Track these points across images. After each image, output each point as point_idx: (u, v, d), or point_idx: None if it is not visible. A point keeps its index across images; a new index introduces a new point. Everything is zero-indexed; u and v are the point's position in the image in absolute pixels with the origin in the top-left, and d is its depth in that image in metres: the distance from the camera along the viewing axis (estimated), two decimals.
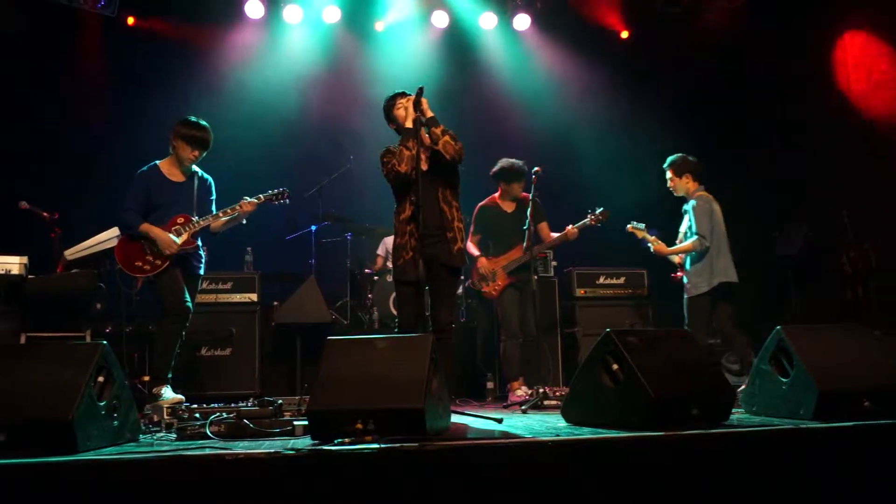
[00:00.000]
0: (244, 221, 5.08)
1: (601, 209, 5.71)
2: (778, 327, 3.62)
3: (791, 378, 3.48)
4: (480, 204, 5.97)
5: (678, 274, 5.71)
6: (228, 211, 4.94)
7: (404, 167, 4.14)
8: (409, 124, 4.21)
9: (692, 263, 5.54)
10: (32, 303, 5.25)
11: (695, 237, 5.47)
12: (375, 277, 6.97)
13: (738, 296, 5.50)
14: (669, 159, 5.74)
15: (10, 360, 3.09)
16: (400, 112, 4.31)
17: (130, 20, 7.64)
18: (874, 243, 6.46)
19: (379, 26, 8.41)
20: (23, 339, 5.11)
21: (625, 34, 8.72)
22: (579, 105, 8.47)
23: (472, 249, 5.87)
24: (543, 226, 5.84)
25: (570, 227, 5.70)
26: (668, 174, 5.73)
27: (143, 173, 4.88)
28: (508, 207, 5.88)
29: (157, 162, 4.95)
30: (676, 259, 5.69)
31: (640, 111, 8.29)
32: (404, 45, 8.45)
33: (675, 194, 5.77)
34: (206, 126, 4.92)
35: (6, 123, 6.88)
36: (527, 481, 2.66)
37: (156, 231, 4.73)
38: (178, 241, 4.74)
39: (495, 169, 5.88)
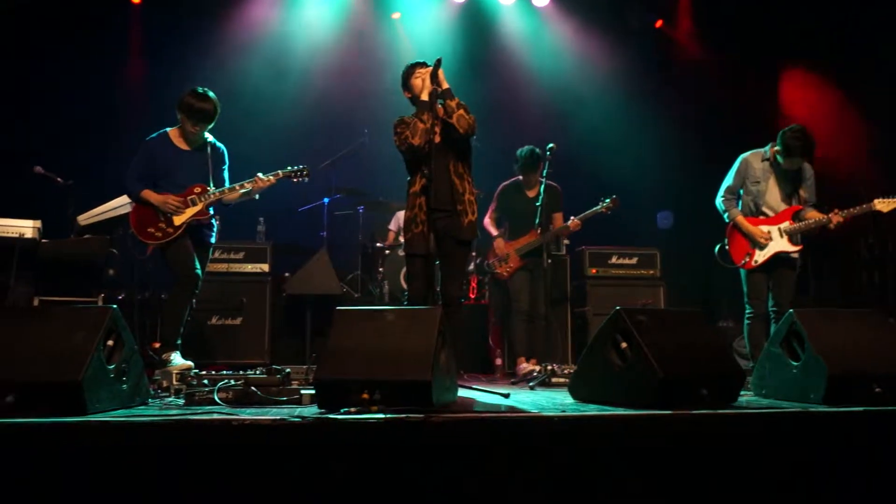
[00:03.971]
0: (257, 197, 5.01)
1: (612, 197, 5.68)
2: (790, 310, 3.59)
3: (802, 362, 3.44)
4: (504, 183, 6.02)
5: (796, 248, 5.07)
6: (246, 185, 4.89)
7: (417, 140, 4.10)
8: (424, 97, 4.17)
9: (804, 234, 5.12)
10: (46, 267, 5.28)
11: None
12: (387, 251, 6.97)
13: None
14: None
15: (20, 323, 3.12)
16: (417, 82, 4.26)
17: None
18: (891, 228, 6.36)
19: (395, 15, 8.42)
20: (36, 303, 5.16)
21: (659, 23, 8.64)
22: (598, 83, 8.37)
23: (491, 228, 5.93)
24: (558, 216, 5.86)
25: (573, 219, 5.73)
26: None
27: (150, 140, 4.83)
28: (530, 191, 5.88)
29: (168, 130, 4.88)
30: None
31: (663, 91, 8.19)
32: (422, 20, 8.38)
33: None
34: (208, 97, 4.75)
35: (22, 88, 6.91)
36: (532, 456, 2.66)
37: (153, 196, 4.68)
38: (188, 210, 4.72)
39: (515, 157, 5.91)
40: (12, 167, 6.16)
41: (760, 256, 5.04)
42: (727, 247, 5.18)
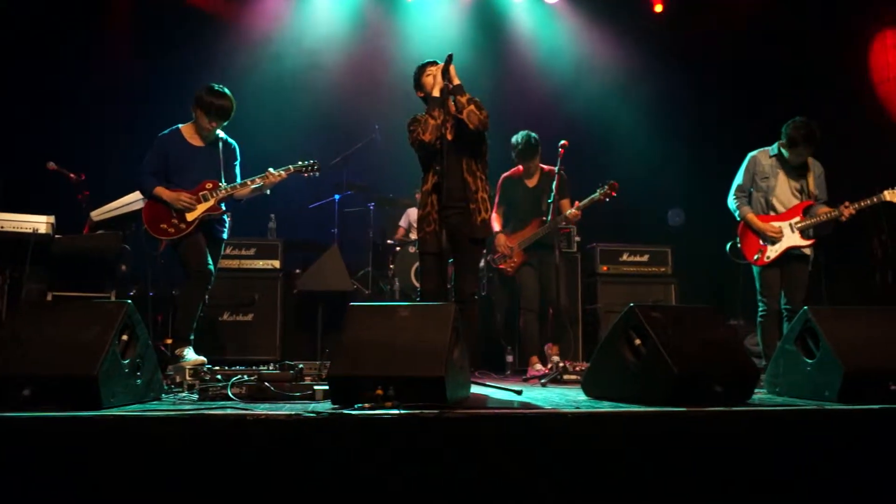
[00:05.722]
0: (268, 192, 5.02)
1: (609, 182, 5.52)
2: (805, 307, 3.57)
3: (816, 359, 3.42)
4: (504, 175, 5.90)
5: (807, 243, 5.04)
6: (257, 180, 4.90)
7: (428, 136, 4.10)
8: (436, 93, 4.17)
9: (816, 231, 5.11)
10: (59, 262, 5.30)
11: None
12: (397, 248, 6.97)
13: None
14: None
15: (37, 317, 3.12)
16: (428, 80, 4.26)
17: None
18: None
19: None
20: (49, 299, 5.18)
21: (658, 7, 8.54)
22: (609, 78, 8.36)
23: (495, 223, 5.83)
24: (565, 203, 5.73)
25: (572, 209, 5.59)
26: None
27: (162, 137, 4.86)
28: (531, 181, 5.82)
29: (180, 126, 4.90)
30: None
31: (673, 86, 8.15)
32: (433, 15, 8.38)
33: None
34: (225, 94, 4.79)
35: (35, 84, 6.93)
36: (545, 452, 2.65)
37: (166, 192, 4.71)
38: (200, 206, 4.73)
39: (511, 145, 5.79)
40: (26, 163, 6.19)
41: (773, 252, 5.03)
42: (739, 244, 5.17)
